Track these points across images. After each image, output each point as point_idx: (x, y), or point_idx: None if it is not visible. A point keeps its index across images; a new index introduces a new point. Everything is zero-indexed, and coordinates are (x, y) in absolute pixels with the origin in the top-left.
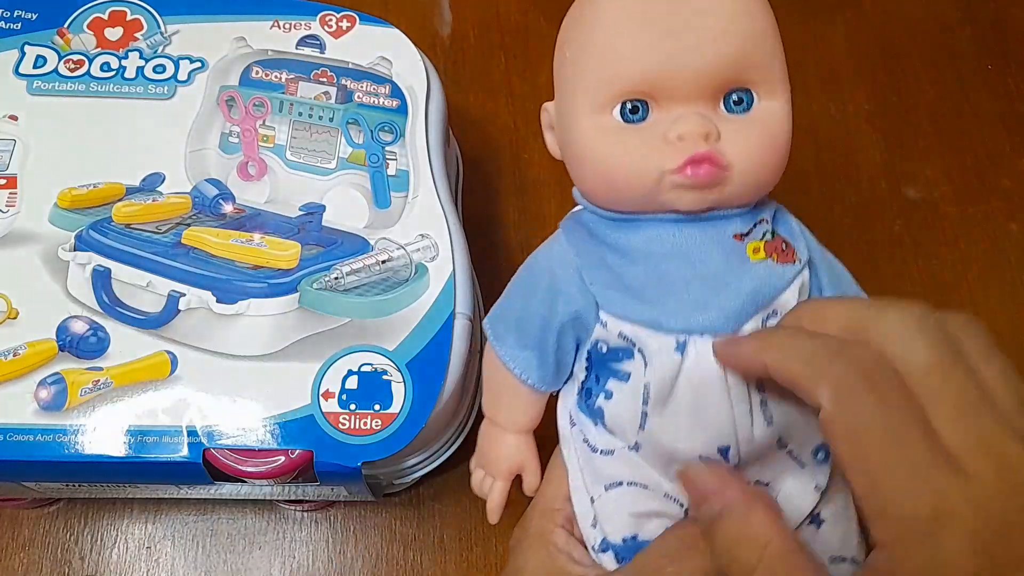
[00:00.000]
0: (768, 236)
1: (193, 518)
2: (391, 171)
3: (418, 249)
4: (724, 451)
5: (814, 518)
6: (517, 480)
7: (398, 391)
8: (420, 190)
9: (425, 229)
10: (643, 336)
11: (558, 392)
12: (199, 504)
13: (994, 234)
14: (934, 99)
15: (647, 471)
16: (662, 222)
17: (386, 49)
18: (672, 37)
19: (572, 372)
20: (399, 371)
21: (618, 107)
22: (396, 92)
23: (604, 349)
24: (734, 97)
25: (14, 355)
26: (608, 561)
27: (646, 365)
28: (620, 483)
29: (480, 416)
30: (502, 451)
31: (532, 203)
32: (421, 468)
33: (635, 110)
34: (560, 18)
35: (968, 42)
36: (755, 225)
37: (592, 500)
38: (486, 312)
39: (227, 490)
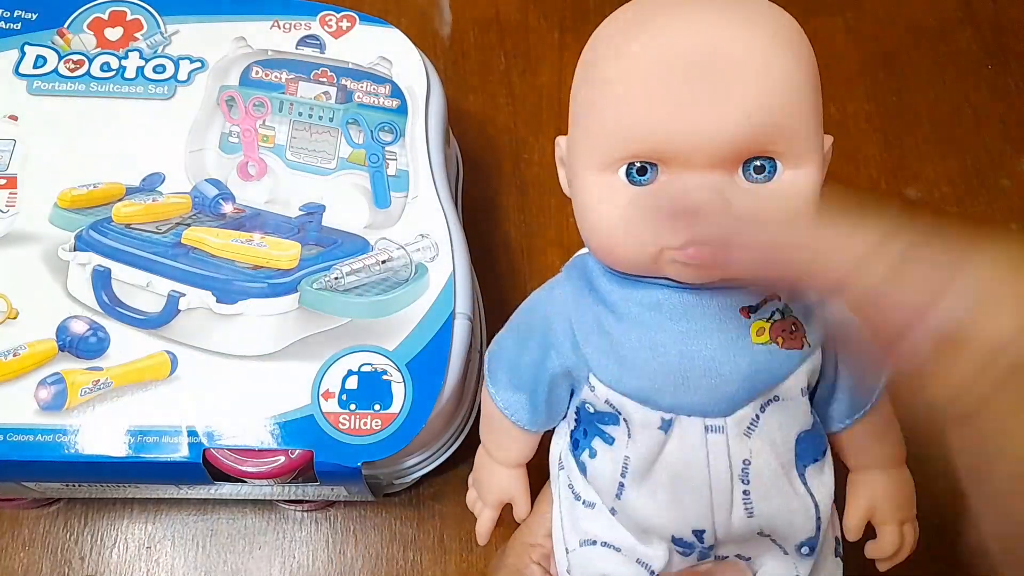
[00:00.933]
0: (777, 315)
1: (193, 518)
2: (391, 171)
3: (418, 249)
4: (699, 534)
5: None
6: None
7: (398, 391)
8: (420, 190)
9: (425, 229)
10: (629, 408)
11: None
12: (199, 504)
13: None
14: (934, 99)
15: (622, 533)
16: (664, 287)
17: (386, 49)
18: (690, 100)
19: (566, 414)
20: (399, 371)
21: (625, 167)
22: (396, 92)
23: (591, 410)
24: (756, 164)
25: (14, 355)
26: None
27: (629, 437)
28: (595, 542)
29: (480, 416)
30: (493, 481)
31: (532, 203)
32: (421, 468)
33: (643, 171)
34: (560, 18)
35: (968, 42)
36: (766, 300)
37: (567, 551)
38: (486, 311)
39: (227, 490)
